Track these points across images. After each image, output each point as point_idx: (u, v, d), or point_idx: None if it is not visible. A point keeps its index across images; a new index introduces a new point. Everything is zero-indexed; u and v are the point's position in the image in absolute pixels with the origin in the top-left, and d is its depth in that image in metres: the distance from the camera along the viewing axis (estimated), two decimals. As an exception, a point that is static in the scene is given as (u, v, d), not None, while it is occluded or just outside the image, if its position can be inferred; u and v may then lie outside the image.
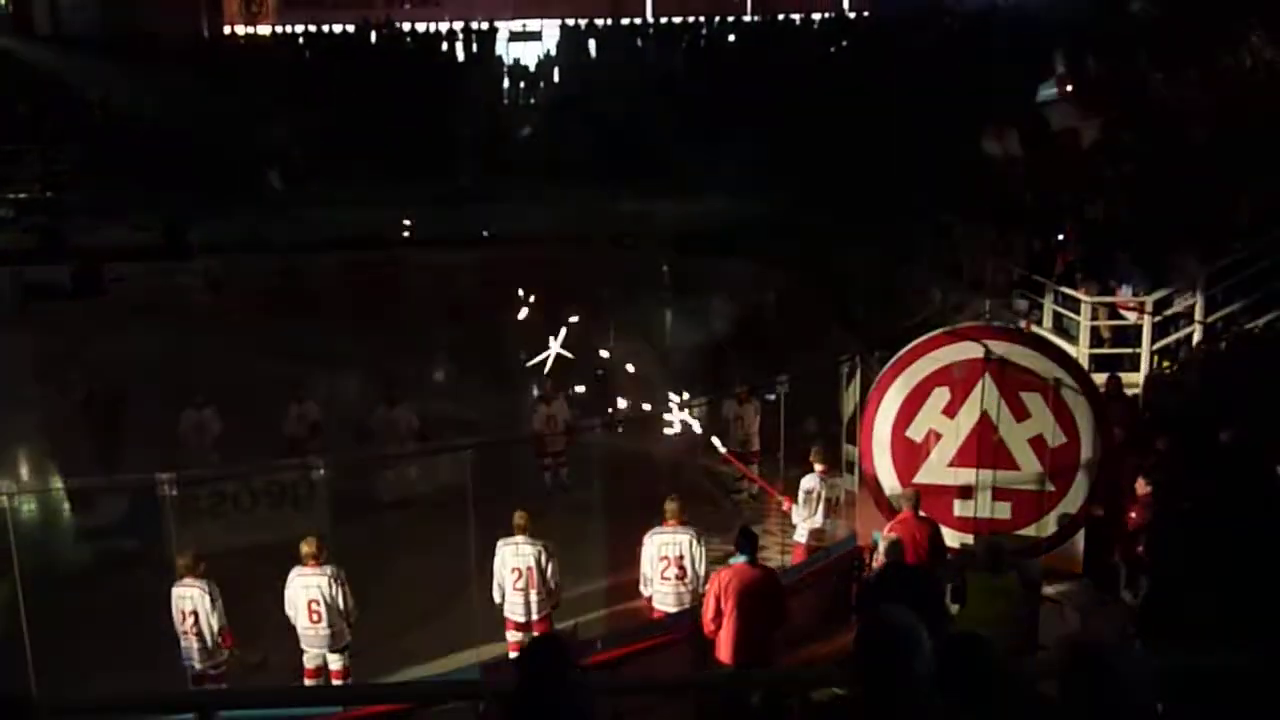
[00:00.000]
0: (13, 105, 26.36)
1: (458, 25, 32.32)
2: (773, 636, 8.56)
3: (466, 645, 10.05)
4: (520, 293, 15.30)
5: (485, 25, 32.40)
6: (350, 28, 32.49)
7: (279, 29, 33.52)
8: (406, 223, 23.33)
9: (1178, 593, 7.81)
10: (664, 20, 33.99)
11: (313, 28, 33.04)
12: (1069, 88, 19.37)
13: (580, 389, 14.07)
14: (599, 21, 32.98)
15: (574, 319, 13.73)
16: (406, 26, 32.75)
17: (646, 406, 12.50)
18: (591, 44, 31.97)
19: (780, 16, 33.75)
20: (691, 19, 33.40)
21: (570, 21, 32.57)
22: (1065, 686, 3.08)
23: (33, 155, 24.95)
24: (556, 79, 30.91)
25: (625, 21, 33.70)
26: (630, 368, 14.05)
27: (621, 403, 13.01)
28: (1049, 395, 9.63)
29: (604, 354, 14.34)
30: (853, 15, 34.29)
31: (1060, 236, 15.68)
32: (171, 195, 23.05)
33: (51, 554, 11.68)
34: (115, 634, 9.75)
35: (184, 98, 25.31)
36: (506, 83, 30.99)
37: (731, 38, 32.55)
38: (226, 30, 33.29)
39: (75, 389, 14.57)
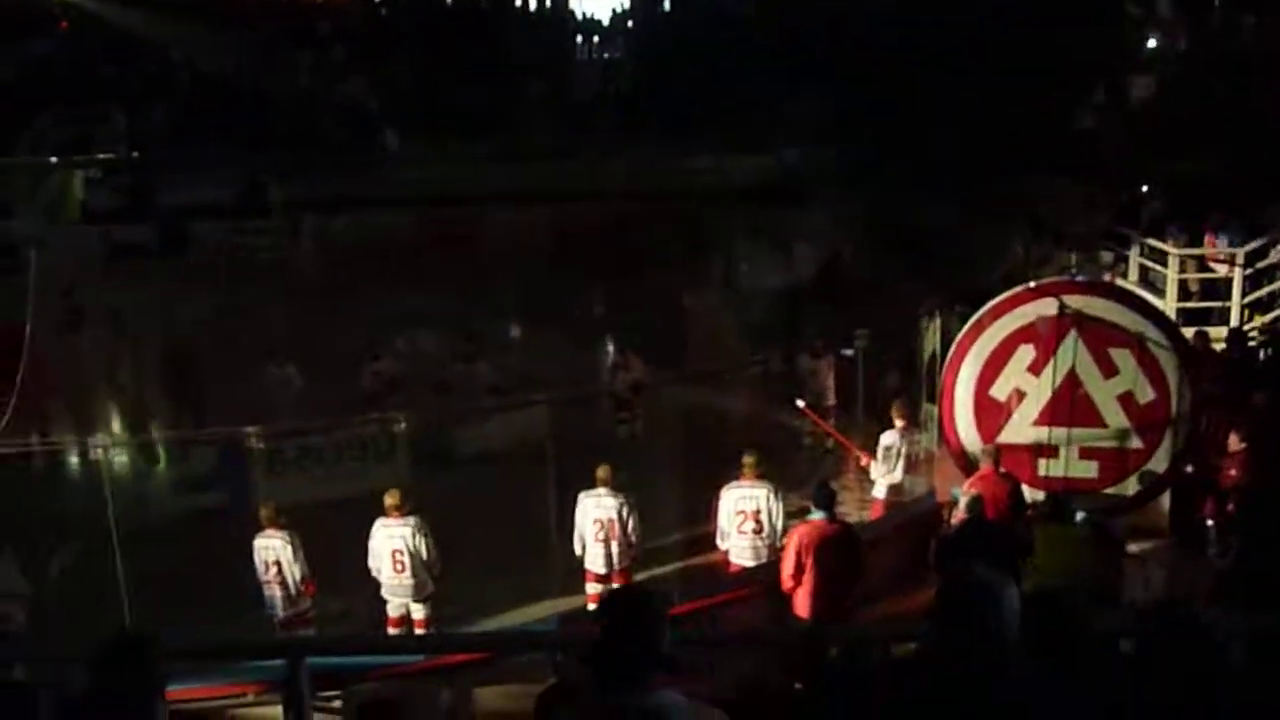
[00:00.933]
0: (99, 67, 26.86)
1: (531, -20, 32.20)
2: (851, 592, 8.54)
3: (544, 597, 10.18)
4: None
5: (558, -20, 32.24)
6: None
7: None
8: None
9: (1270, 552, 7.64)
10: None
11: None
12: None
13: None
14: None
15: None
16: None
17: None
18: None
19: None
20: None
21: (643, -27, 32.25)
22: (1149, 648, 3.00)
23: (119, 116, 25.40)
24: (629, 32, 30.68)
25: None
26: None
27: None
28: (1137, 351, 9.41)
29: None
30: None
31: (1145, 189, 15.28)
32: (254, 154, 23.41)
33: (142, 505, 11.99)
34: (205, 584, 10.00)
35: (264, 56, 25.63)
36: (579, 38, 30.83)
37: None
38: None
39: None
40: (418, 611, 9.56)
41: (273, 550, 9.28)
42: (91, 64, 26.98)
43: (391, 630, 9.53)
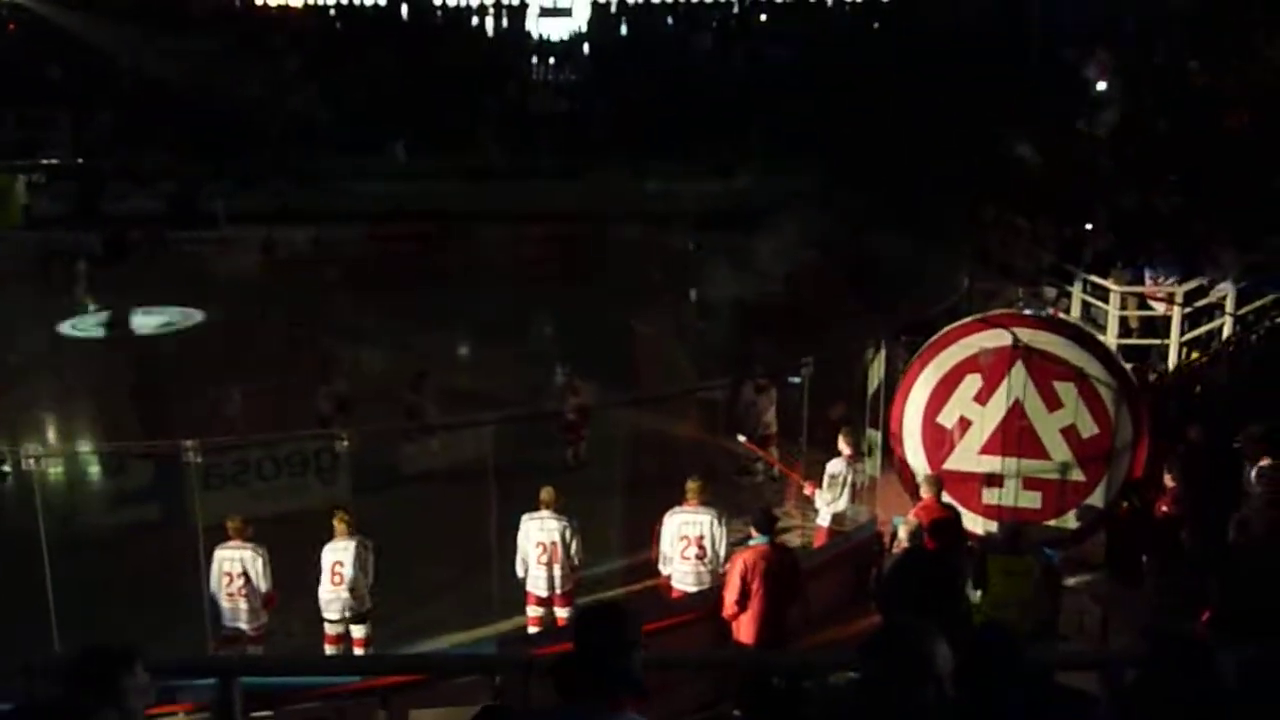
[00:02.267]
0: (45, 71, 26.48)
1: (488, -1, 32.28)
2: (790, 614, 8.56)
3: (484, 618, 10.07)
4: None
5: (516, 0, 32.29)
6: (381, 0, 32.46)
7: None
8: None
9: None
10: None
11: (344, -1, 33.06)
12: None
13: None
14: (630, -2, 32.85)
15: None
16: (437, 0, 32.62)
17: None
18: (622, 21, 31.82)
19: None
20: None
21: (601, -2, 32.47)
22: (1150, 676, 3.01)
23: (64, 121, 25.06)
24: (586, 55, 30.77)
25: (656, -1, 33.53)
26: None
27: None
28: (1081, 385, 9.53)
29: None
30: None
31: (1088, 226, 15.53)
32: (200, 163, 23.21)
33: (76, 518, 11.74)
34: (137, 599, 9.81)
35: (214, 66, 25.41)
36: (535, 59, 30.87)
37: (764, 17, 32.32)
38: (259, 0, 33.30)
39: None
40: (357, 631, 9.44)
41: (240, 562, 9.18)
42: (39, 67, 26.61)
43: (329, 648, 9.39)
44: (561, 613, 9.80)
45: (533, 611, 9.83)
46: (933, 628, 3.04)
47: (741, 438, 12.49)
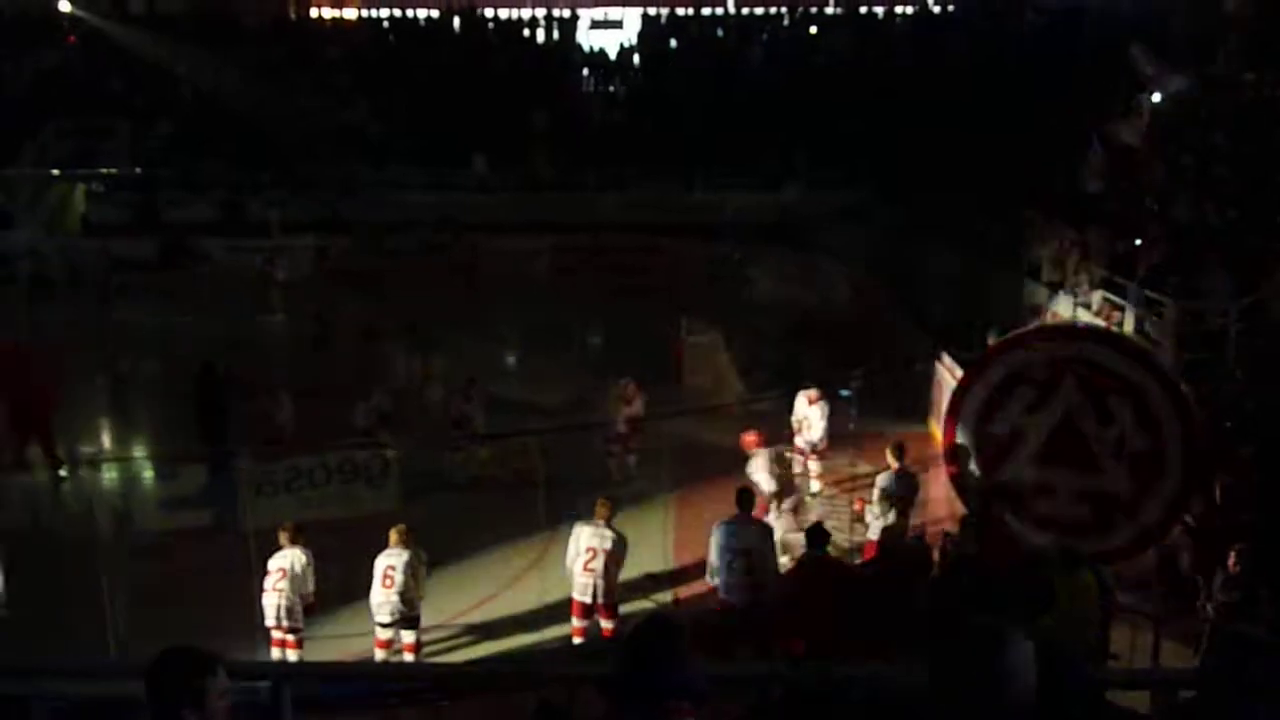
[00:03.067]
0: (106, 83, 26.98)
1: (539, 12, 32.42)
2: (841, 627, 8.55)
3: (530, 628, 10.12)
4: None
5: (567, 12, 32.44)
6: (434, 13, 32.78)
7: (364, 13, 33.96)
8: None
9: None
10: (745, 11, 33.81)
11: (397, 12, 33.40)
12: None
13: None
14: (680, 11, 32.87)
15: None
16: (489, 13, 32.88)
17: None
18: (672, 33, 31.87)
19: (863, 9, 33.43)
20: (773, 10, 33.17)
21: (651, 10, 32.51)
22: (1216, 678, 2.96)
23: (124, 132, 25.52)
24: (636, 68, 30.81)
25: (706, 11, 33.55)
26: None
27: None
28: (1134, 400, 9.41)
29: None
30: (936, 9, 33.80)
31: (1138, 242, 15.33)
32: (253, 172, 23.54)
33: (130, 522, 11.93)
34: (188, 603, 9.94)
35: (269, 79, 25.78)
36: (586, 70, 30.94)
37: (813, 29, 32.26)
38: (313, 14, 33.77)
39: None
40: (407, 636, 9.54)
41: (287, 558, 9.37)
42: (99, 78, 27.10)
43: (379, 652, 9.49)
44: (606, 624, 9.81)
45: (577, 622, 9.85)
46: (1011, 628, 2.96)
47: (789, 455, 12.45)
